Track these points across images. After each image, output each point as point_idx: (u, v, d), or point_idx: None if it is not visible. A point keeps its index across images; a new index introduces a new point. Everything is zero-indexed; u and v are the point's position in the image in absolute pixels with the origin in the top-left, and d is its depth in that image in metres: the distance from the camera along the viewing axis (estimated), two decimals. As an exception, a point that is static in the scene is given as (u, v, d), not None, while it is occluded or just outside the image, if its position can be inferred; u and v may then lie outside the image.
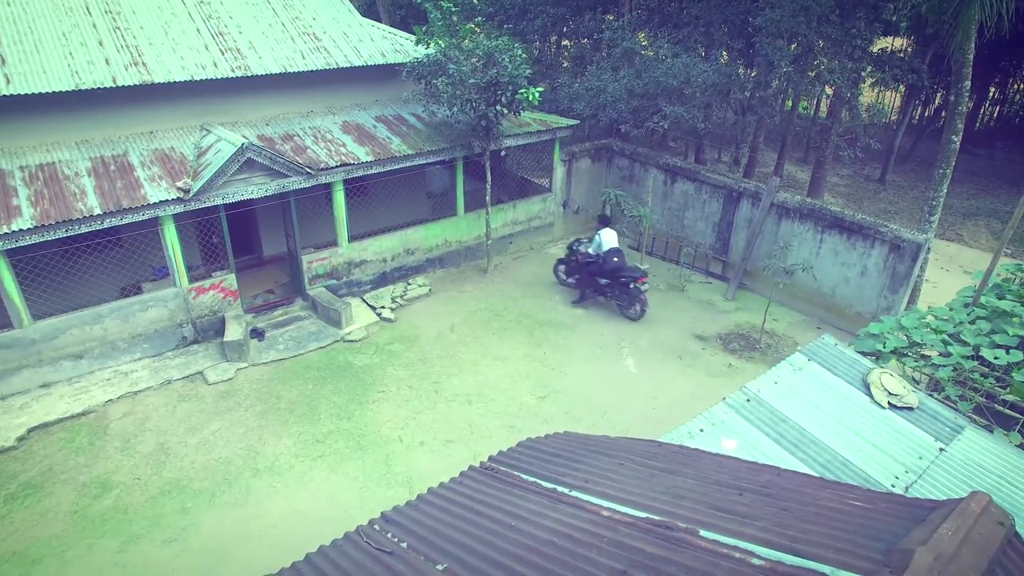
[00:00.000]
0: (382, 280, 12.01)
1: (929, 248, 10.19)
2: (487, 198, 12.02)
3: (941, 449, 4.71)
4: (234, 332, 9.88)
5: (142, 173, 9.27)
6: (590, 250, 11.41)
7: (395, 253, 12.00)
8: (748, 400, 5.14)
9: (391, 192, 12.19)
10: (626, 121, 12.71)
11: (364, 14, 22.30)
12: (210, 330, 10.29)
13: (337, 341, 10.49)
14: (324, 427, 8.62)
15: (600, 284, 11.39)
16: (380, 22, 21.01)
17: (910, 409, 5.12)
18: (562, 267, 12.24)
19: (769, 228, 11.87)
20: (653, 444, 4.15)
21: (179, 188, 9.03)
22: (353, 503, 7.54)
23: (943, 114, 25.28)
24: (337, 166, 10.33)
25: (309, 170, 10.01)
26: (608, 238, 11.27)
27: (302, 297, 11.36)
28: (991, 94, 25.21)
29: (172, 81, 9.78)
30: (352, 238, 11.47)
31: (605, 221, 11.50)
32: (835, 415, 5.03)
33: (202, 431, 8.50)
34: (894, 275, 10.23)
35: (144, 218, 8.83)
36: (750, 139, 14.40)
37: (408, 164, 11.14)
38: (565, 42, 19.70)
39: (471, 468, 4.28)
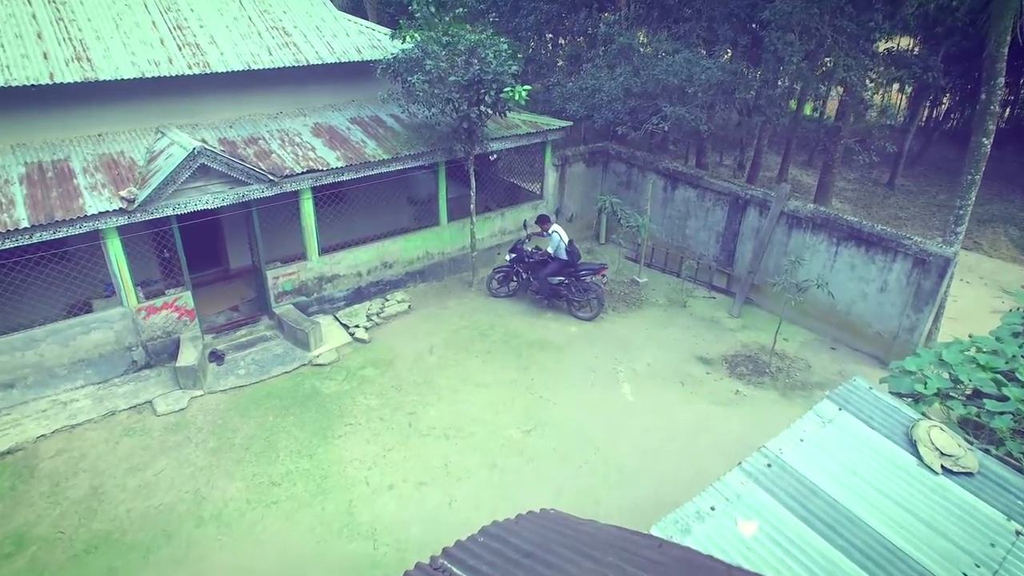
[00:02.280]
0: (357, 296, 11.05)
1: (956, 262, 9.25)
2: (471, 206, 11.07)
3: (1018, 532, 3.75)
4: (188, 356, 8.91)
5: (83, 181, 8.31)
6: (550, 249, 10.70)
7: (371, 266, 11.04)
8: (769, 465, 4.19)
9: (369, 200, 11.24)
10: (623, 122, 11.77)
11: (351, 12, 21.40)
12: (163, 353, 9.32)
13: (304, 365, 9.52)
14: (282, 467, 7.65)
15: (553, 285, 10.73)
16: (367, 20, 20.08)
17: (969, 474, 4.17)
18: (498, 276, 11.42)
19: (779, 239, 10.92)
20: (652, 543, 3.18)
21: (122, 198, 8.07)
22: (308, 559, 6.56)
23: (953, 116, 24.46)
24: (303, 172, 9.37)
25: (272, 177, 9.05)
26: (562, 233, 10.67)
27: (268, 315, 10.40)
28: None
29: (120, 78, 8.82)
30: (324, 250, 10.51)
31: (546, 219, 10.78)
32: (876, 483, 4.08)
33: (144, 472, 7.52)
34: (918, 292, 9.28)
35: (82, 231, 7.87)
36: (755, 142, 13.45)
37: (384, 170, 10.19)
38: (560, 40, 18.80)
39: (418, 567, 3.32)
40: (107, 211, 7.92)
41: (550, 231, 10.58)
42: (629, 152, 13.11)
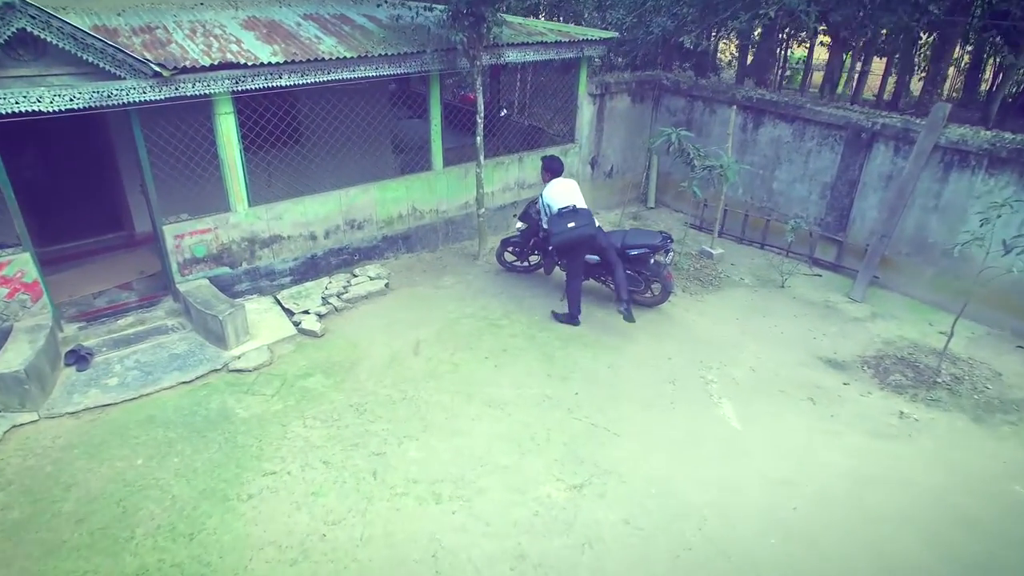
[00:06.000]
0: (311, 269, 7.60)
1: None
2: (477, 138, 7.62)
3: None
4: (12, 358, 5.46)
5: None
6: (544, 224, 6.86)
7: (331, 225, 7.59)
8: None
9: (337, 143, 7.83)
10: (690, 31, 8.30)
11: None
12: (-10, 352, 5.88)
13: (216, 370, 6.07)
14: (132, 559, 4.18)
15: (589, 265, 7.04)
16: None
17: None
18: (510, 247, 7.88)
19: (925, 188, 7.48)
20: None
21: None
22: None
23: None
24: (214, 66, 5.93)
25: (159, 68, 5.61)
26: (561, 192, 6.65)
27: (174, 296, 6.95)
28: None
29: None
30: (259, 201, 7.08)
31: (556, 164, 6.89)
32: None
33: None
34: None
35: None
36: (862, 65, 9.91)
37: (346, 75, 6.73)
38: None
39: None
40: None
41: (541, 195, 6.83)
42: (690, 80, 9.66)
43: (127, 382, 5.85)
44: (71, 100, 5.33)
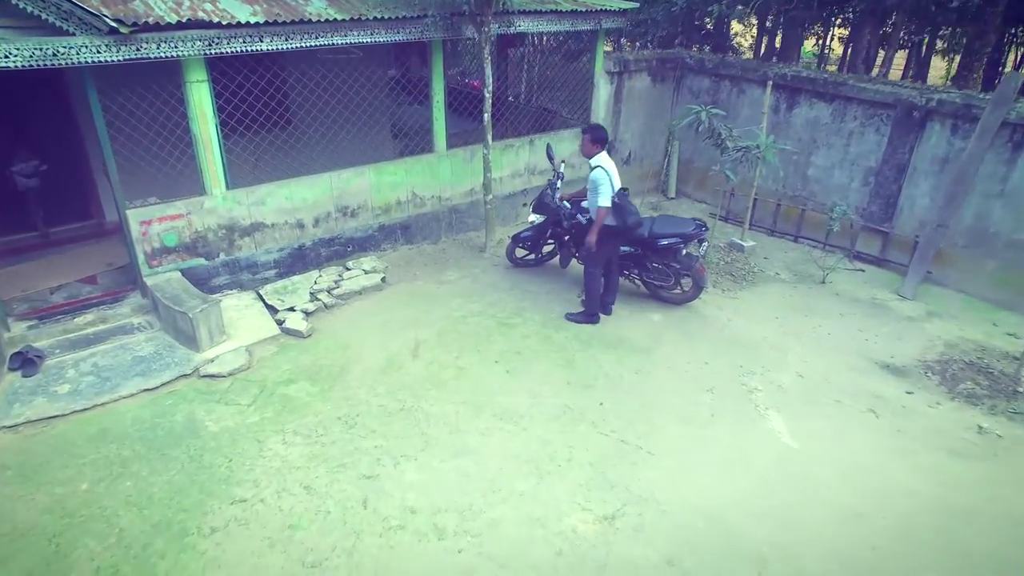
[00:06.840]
0: (298, 261, 6.79)
1: None
2: (485, 116, 6.80)
3: None
4: (-55, 360, 4.67)
5: None
6: (600, 202, 5.66)
7: (320, 212, 6.78)
8: None
9: (328, 114, 7.00)
10: (722, -2, 7.47)
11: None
12: (-78, 354, 5.08)
13: (185, 375, 5.27)
14: (67, 611, 3.38)
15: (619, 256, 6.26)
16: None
17: None
18: (523, 241, 6.99)
19: (990, 171, 6.65)
20: None
21: None
22: None
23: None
24: (183, 24, 5.13)
25: (116, 24, 4.80)
26: (611, 169, 5.71)
27: (142, 291, 6.15)
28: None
29: None
30: (239, 184, 6.28)
31: (600, 134, 5.72)
32: None
33: None
34: None
35: None
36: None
37: (337, 40, 5.92)
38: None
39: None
40: None
41: (593, 163, 5.75)
42: (716, 59, 8.84)
43: (80, 389, 5.04)
44: (6, 57, 4.52)
